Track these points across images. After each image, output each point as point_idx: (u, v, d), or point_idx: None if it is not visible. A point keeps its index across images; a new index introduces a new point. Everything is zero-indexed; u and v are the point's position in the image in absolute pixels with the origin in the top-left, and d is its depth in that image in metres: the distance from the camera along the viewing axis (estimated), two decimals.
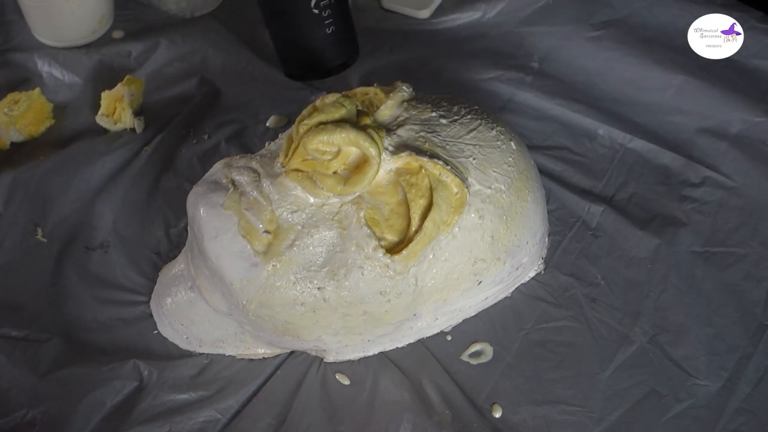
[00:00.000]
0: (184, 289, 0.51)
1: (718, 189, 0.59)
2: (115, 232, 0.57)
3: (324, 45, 0.53)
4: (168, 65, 0.70)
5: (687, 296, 0.53)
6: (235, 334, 0.50)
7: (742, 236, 0.56)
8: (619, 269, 0.54)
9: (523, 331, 0.51)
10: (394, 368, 0.49)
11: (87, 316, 0.53)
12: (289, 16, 0.52)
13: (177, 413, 0.47)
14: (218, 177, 0.49)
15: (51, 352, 0.50)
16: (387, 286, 0.45)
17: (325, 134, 0.45)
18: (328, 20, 0.51)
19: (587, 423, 0.47)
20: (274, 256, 0.45)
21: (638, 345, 0.50)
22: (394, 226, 0.46)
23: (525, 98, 0.66)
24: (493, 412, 0.48)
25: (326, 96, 0.48)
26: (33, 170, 0.61)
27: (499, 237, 0.48)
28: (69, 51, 0.70)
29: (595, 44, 0.69)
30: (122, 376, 0.49)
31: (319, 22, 0.52)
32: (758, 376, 0.48)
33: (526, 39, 0.71)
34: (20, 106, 0.63)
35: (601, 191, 0.59)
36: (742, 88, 0.64)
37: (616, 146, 0.62)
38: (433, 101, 0.51)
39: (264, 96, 0.67)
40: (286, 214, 0.46)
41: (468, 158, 0.48)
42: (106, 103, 0.64)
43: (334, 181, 0.45)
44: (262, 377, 0.50)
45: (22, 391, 0.48)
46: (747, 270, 0.54)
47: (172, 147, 0.63)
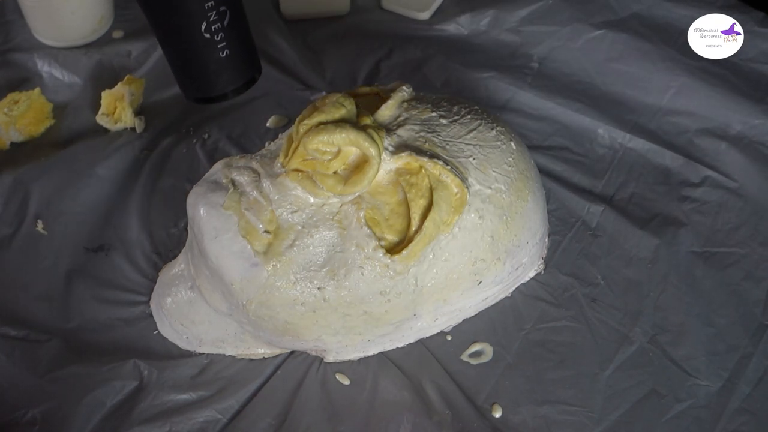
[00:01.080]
0: (184, 289, 0.51)
1: (718, 189, 0.59)
2: (116, 232, 0.57)
3: (219, 69, 0.52)
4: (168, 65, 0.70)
5: (687, 296, 0.53)
6: (235, 334, 0.50)
7: (742, 236, 0.56)
8: (619, 269, 0.54)
9: (523, 331, 0.51)
10: (394, 368, 0.49)
11: (87, 316, 0.53)
12: (180, 39, 0.52)
13: (177, 413, 0.47)
14: (218, 177, 0.49)
15: (51, 352, 0.50)
16: (387, 286, 0.45)
17: (325, 134, 0.45)
18: (221, 44, 0.51)
19: (587, 423, 0.47)
20: (274, 256, 0.45)
21: (638, 345, 0.50)
22: (394, 226, 0.46)
23: (525, 98, 0.66)
24: (493, 412, 0.48)
25: (326, 96, 0.48)
26: (33, 170, 0.61)
27: (499, 237, 0.48)
28: (69, 51, 0.70)
29: (595, 44, 0.69)
30: (122, 376, 0.49)
31: (212, 45, 0.51)
32: (758, 376, 0.49)
33: (526, 39, 0.71)
34: (20, 106, 0.63)
35: (601, 191, 0.59)
36: (742, 88, 0.64)
37: (616, 146, 0.62)
38: (433, 101, 0.51)
39: (264, 96, 0.67)
40: (286, 214, 0.46)
41: (468, 158, 0.48)
42: (107, 103, 0.64)
43: (334, 181, 0.45)
44: (262, 377, 0.50)
45: (22, 390, 0.48)
46: (747, 270, 0.54)
47: (172, 147, 0.63)
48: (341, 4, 0.75)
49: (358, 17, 0.75)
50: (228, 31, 0.51)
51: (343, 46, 0.71)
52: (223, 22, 0.50)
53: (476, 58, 0.70)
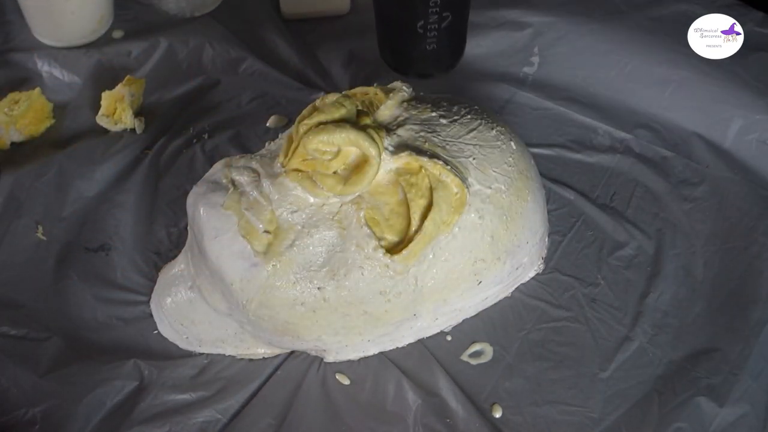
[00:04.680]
0: (184, 289, 0.51)
1: (717, 188, 0.59)
2: (116, 233, 0.57)
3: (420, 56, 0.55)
4: (168, 65, 0.70)
5: (687, 296, 0.53)
6: (235, 334, 0.50)
7: (742, 235, 0.56)
8: (619, 269, 0.54)
9: (523, 331, 0.51)
10: (394, 368, 0.49)
11: (87, 316, 0.53)
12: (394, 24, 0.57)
13: (177, 413, 0.47)
14: (218, 177, 0.49)
15: (51, 352, 0.50)
16: (387, 286, 0.45)
17: (325, 134, 0.45)
18: (431, 40, 0.53)
19: (587, 423, 0.47)
20: (274, 256, 0.45)
21: (638, 345, 0.50)
22: (394, 226, 0.46)
23: (525, 98, 0.66)
24: (493, 412, 0.48)
25: (326, 96, 0.48)
26: (33, 170, 0.61)
27: (499, 237, 0.48)
28: (69, 51, 0.70)
29: (595, 44, 0.69)
30: (122, 376, 0.49)
31: (422, 39, 0.54)
32: (758, 372, 0.48)
33: (526, 38, 0.71)
34: (20, 106, 0.63)
35: (601, 191, 0.59)
36: (742, 88, 0.64)
37: (616, 145, 0.62)
38: (433, 101, 0.51)
39: (264, 96, 0.67)
40: (286, 214, 0.46)
41: (468, 158, 0.48)
42: (107, 104, 0.64)
43: (334, 181, 0.45)
44: (262, 377, 0.50)
45: (22, 390, 0.48)
46: (747, 269, 0.54)
47: (172, 147, 0.63)
48: (341, 4, 0.75)
49: (358, 17, 0.75)
50: (442, 32, 0.54)
51: (343, 46, 0.71)
52: (440, 24, 0.53)
53: (476, 58, 0.70)
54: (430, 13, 0.52)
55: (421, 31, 0.53)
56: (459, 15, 0.55)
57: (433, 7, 0.52)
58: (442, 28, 0.53)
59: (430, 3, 0.51)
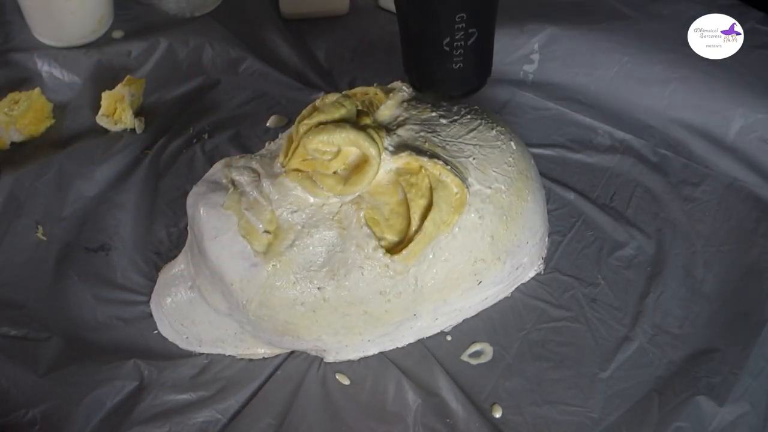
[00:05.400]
0: (184, 289, 0.51)
1: (717, 188, 0.59)
2: (116, 233, 0.57)
3: (446, 77, 0.55)
4: (168, 65, 0.70)
5: (687, 296, 0.53)
6: (235, 334, 0.50)
7: (742, 235, 0.56)
8: (619, 269, 0.54)
9: (523, 331, 0.51)
10: (394, 368, 0.49)
11: (87, 316, 0.53)
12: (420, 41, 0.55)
13: (177, 413, 0.47)
14: (218, 177, 0.49)
15: (51, 352, 0.50)
16: (387, 286, 0.45)
17: (325, 134, 0.45)
18: (458, 58, 0.53)
19: (587, 423, 0.47)
20: (274, 256, 0.45)
21: (638, 345, 0.50)
22: (394, 226, 0.46)
23: (525, 98, 0.66)
24: (493, 412, 0.48)
25: (326, 96, 0.48)
26: (33, 170, 0.61)
27: (499, 237, 0.48)
28: (69, 51, 0.70)
29: (595, 44, 0.69)
30: (122, 376, 0.49)
31: (448, 57, 0.53)
32: (758, 371, 0.49)
33: (526, 38, 0.71)
34: (20, 106, 0.63)
35: (601, 191, 0.59)
36: (742, 88, 0.64)
37: (616, 146, 0.62)
38: (433, 101, 0.51)
39: (264, 96, 0.67)
40: (286, 214, 0.46)
41: (468, 158, 0.48)
42: (107, 104, 0.64)
43: (334, 181, 0.45)
44: (262, 377, 0.50)
45: (22, 390, 0.48)
46: (747, 269, 0.54)
47: (172, 147, 0.63)
48: (340, 4, 0.75)
49: (358, 17, 0.75)
50: (468, 49, 0.53)
51: (343, 46, 0.71)
52: (467, 41, 0.52)
53: None
54: (456, 29, 0.52)
55: (447, 48, 0.53)
56: (485, 31, 0.54)
57: (459, 23, 0.51)
58: (468, 45, 0.52)
59: (456, 18, 0.51)
